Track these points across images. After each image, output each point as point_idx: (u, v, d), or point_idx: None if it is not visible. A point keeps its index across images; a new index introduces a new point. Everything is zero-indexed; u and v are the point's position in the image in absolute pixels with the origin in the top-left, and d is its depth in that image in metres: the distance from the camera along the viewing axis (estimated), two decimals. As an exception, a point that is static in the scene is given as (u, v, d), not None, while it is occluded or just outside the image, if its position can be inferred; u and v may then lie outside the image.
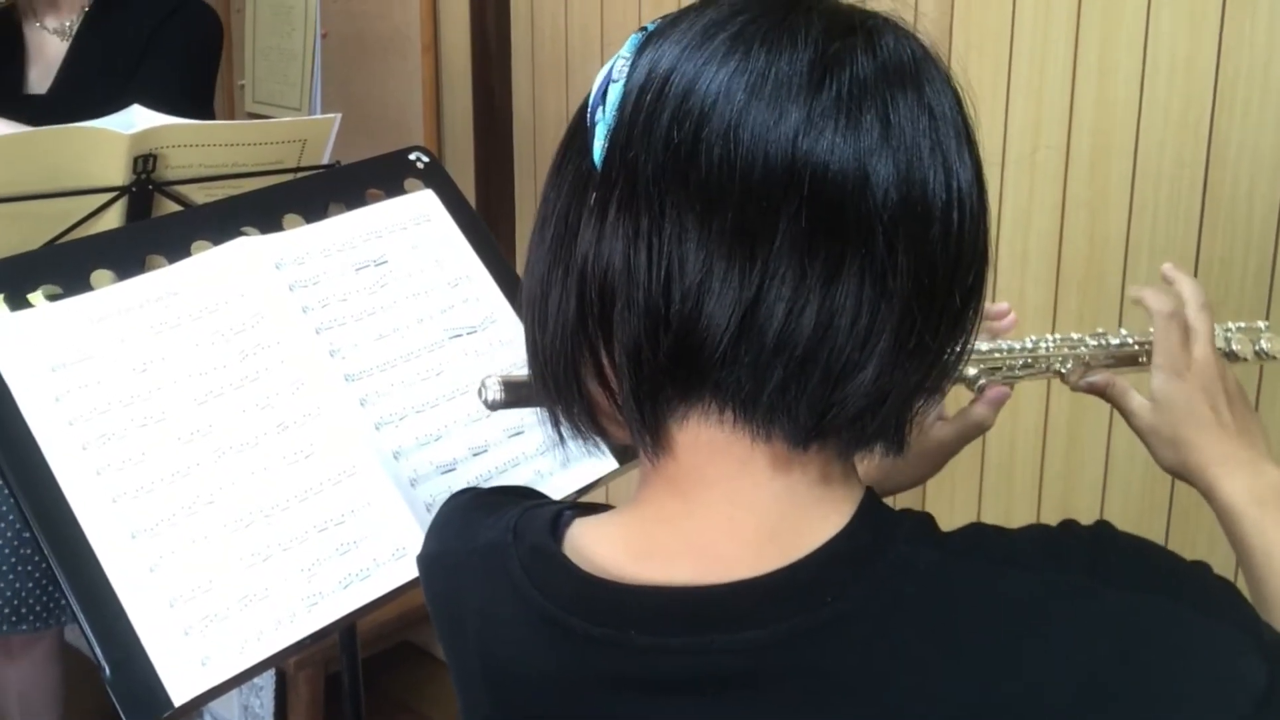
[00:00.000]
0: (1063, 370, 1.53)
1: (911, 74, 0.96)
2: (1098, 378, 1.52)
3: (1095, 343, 1.52)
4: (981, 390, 1.50)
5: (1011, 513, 2.60)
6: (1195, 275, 2.24)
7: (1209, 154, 2.24)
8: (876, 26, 0.99)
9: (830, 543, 1.00)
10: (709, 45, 0.96)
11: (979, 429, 1.51)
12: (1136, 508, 1.49)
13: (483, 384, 1.46)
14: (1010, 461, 2.58)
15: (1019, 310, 2.42)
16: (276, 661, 1.61)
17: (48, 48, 2.95)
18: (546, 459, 1.83)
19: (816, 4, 0.99)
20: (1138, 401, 1.48)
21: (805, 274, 0.91)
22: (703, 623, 1.00)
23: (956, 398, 1.51)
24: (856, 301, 0.92)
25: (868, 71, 0.94)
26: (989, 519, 2.55)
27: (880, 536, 1.01)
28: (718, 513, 1.02)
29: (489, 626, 1.12)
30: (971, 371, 1.49)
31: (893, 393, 0.96)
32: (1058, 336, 1.53)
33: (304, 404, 1.74)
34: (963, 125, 0.98)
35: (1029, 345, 1.52)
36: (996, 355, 1.51)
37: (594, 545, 1.07)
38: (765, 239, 0.91)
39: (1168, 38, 2.25)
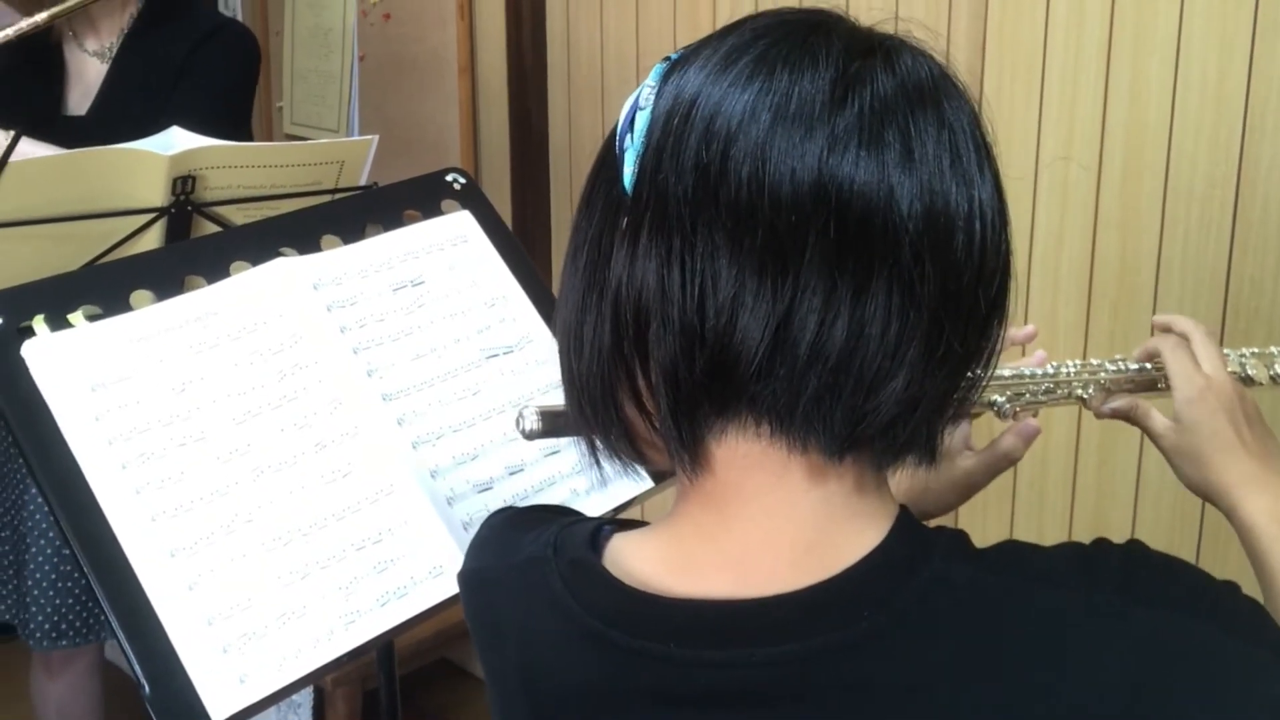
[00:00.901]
0: (1085, 396, 1.53)
1: (930, 91, 0.98)
2: (1120, 402, 1.53)
3: (1115, 368, 1.53)
4: (1006, 418, 1.50)
5: (1044, 527, 2.60)
6: (1226, 294, 2.25)
7: (1240, 174, 2.24)
8: (894, 47, 1.00)
9: (868, 557, 1.01)
10: (733, 69, 0.97)
11: (1008, 460, 1.52)
12: (1168, 523, 1.49)
13: (520, 414, 1.47)
14: (1043, 476, 2.58)
15: (1051, 328, 2.44)
16: (314, 679, 1.62)
17: (87, 70, 2.97)
18: (582, 478, 1.83)
19: (835, 26, 1.01)
20: (1161, 423, 1.48)
21: (835, 286, 0.93)
22: (743, 636, 1.01)
23: (986, 430, 1.51)
24: (886, 311, 0.94)
25: (888, 89, 0.96)
26: (1022, 533, 2.56)
27: (917, 552, 1.02)
28: (755, 526, 1.03)
29: (529, 641, 1.13)
30: (997, 398, 1.50)
31: (924, 400, 0.97)
32: (1079, 362, 1.53)
33: (342, 423, 1.75)
34: (981, 140, 1.00)
35: (1051, 371, 1.52)
36: (1020, 381, 1.51)
37: (633, 559, 1.08)
38: (795, 254, 0.93)
39: (1199, 58, 2.25)
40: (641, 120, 1.01)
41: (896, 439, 0.99)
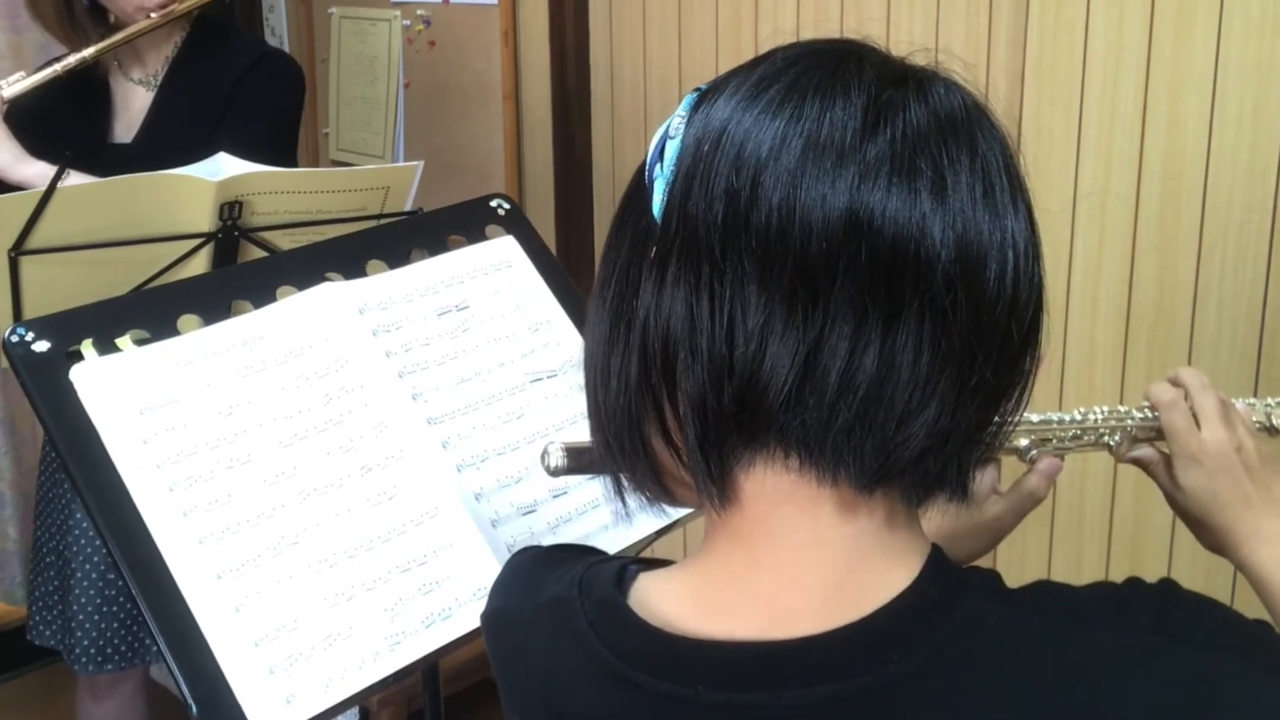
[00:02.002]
0: (1111, 442, 1.52)
1: (963, 122, 0.97)
2: (1142, 452, 1.51)
3: (1142, 415, 1.51)
4: (1033, 461, 1.49)
5: (1082, 558, 2.59)
6: (1263, 319, 2.24)
7: (1276, 200, 2.24)
8: (926, 77, 0.99)
9: (899, 598, 0.99)
10: (764, 97, 0.97)
11: (1033, 500, 1.49)
12: (1205, 559, 1.49)
13: (545, 450, 1.45)
14: (1080, 503, 2.58)
15: (1090, 353, 2.44)
16: (360, 699, 1.62)
17: (133, 98, 2.99)
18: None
19: (867, 55, 1.00)
20: (1169, 485, 1.48)
21: (866, 315, 0.92)
22: (771, 679, 0.99)
23: (1008, 475, 1.51)
24: (917, 341, 0.92)
25: (920, 119, 0.95)
26: (1059, 564, 2.56)
27: (949, 592, 1.00)
28: (784, 563, 1.01)
29: (554, 682, 1.11)
30: (1023, 442, 1.48)
31: (955, 432, 0.96)
32: (1106, 409, 1.52)
33: (387, 446, 1.76)
34: (1014, 171, 0.99)
35: (1078, 417, 1.51)
36: (1047, 427, 1.50)
37: (660, 600, 1.07)
38: (825, 283, 0.92)
39: (1235, 87, 2.25)
40: (671, 149, 1.00)
41: (928, 472, 0.98)
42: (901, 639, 0.97)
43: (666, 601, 1.06)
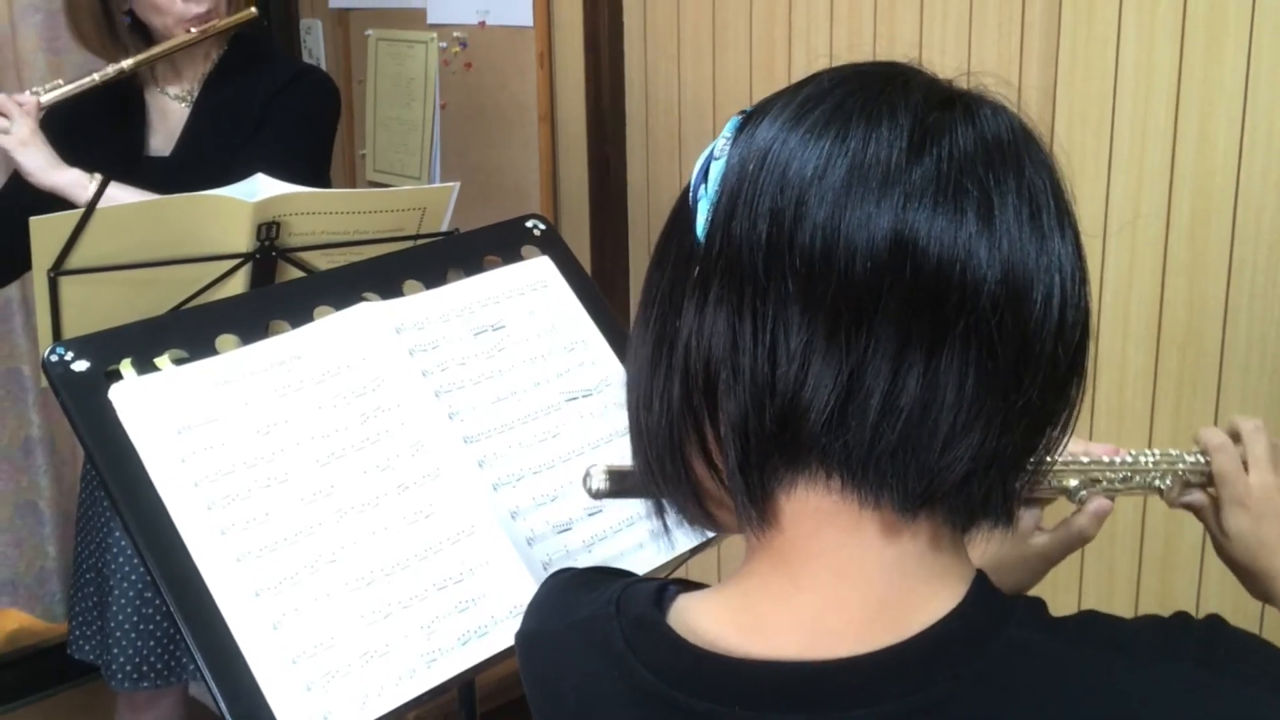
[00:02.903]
0: (1161, 486, 1.50)
1: (1009, 145, 0.97)
2: (1192, 497, 1.50)
3: (1193, 459, 1.49)
4: (1082, 502, 1.48)
5: (1114, 579, 2.59)
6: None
7: (1307, 219, 2.25)
8: (974, 100, 0.99)
9: (943, 621, 0.99)
10: (808, 118, 0.97)
11: (1081, 539, 1.49)
12: (1234, 596, 1.49)
13: (588, 473, 1.45)
14: (1110, 524, 2.57)
15: (1120, 372, 2.44)
16: (396, 716, 1.62)
17: (169, 113, 3.00)
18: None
19: (913, 78, 1.00)
20: (1217, 531, 1.47)
21: (910, 337, 0.92)
22: (810, 700, 0.99)
23: (1055, 513, 1.51)
24: (962, 364, 0.92)
25: (967, 142, 0.95)
26: (1090, 585, 2.55)
27: (993, 618, 1.00)
28: (825, 586, 1.01)
29: (588, 701, 1.10)
30: (1072, 483, 1.47)
31: (1000, 457, 0.96)
32: (1158, 452, 1.50)
33: (424, 465, 1.77)
34: (1061, 195, 0.98)
35: (1130, 460, 1.50)
36: (1099, 469, 1.49)
37: (699, 619, 1.06)
38: (869, 304, 0.91)
39: (1266, 106, 2.25)
40: (716, 170, 1.00)
41: (972, 496, 0.97)
42: (944, 663, 0.97)
43: (706, 621, 1.05)
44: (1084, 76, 2.48)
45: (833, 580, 1.01)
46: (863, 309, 0.92)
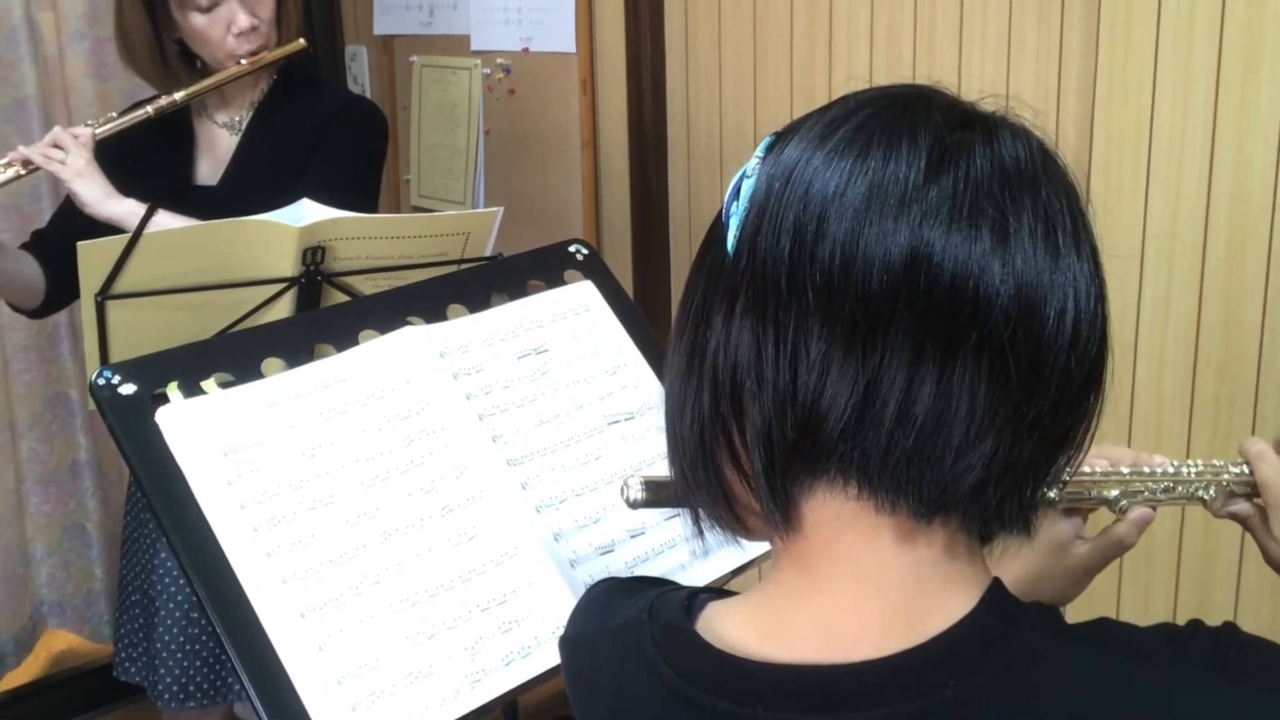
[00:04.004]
0: (1205, 497, 1.50)
1: (1027, 166, 0.99)
2: (1238, 507, 1.50)
3: (1237, 470, 1.49)
4: (1123, 512, 1.49)
5: (1151, 592, 2.58)
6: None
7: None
8: (994, 122, 1.01)
9: (957, 626, 1.01)
10: (833, 138, 1.00)
11: (1121, 547, 1.50)
12: (1273, 590, 1.48)
13: (625, 484, 1.46)
14: (1147, 536, 2.57)
15: (1158, 395, 2.44)
16: (440, 737, 1.64)
17: (218, 142, 3.03)
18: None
19: (935, 99, 1.03)
20: (1265, 539, 1.46)
21: (924, 350, 0.94)
22: (829, 702, 1.01)
23: (1095, 521, 1.51)
24: (975, 375, 0.94)
25: (985, 163, 0.97)
26: (1128, 598, 2.55)
27: (1005, 623, 1.02)
28: (844, 590, 1.03)
29: (622, 703, 1.14)
30: (1114, 493, 1.48)
31: (1014, 466, 0.98)
32: (1200, 462, 1.50)
33: (467, 487, 1.78)
34: (1079, 214, 1.00)
35: (1173, 470, 1.50)
36: (1141, 479, 1.50)
37: (725, 624, 1.09)
38: (885, 318, 0.94)
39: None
40: (747, 187, 1.03)
41: (987, 504, 0.99)
42: (956, 666, 0.99)
43: (731, 626, 1.09)
44: (1121, 102, 2.49)
45: (852, 584, 1.03)
46: (879, 321, 0.94)
